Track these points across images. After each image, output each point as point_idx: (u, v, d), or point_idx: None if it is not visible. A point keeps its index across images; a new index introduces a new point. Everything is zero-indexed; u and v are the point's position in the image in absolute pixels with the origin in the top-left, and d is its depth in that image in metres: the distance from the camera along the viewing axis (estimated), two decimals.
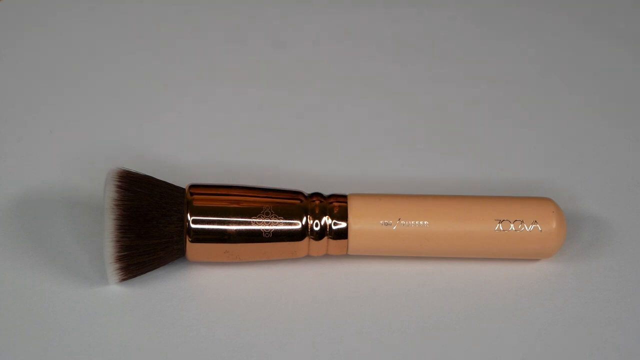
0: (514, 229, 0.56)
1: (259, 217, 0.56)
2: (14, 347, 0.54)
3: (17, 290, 0.56)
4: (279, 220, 0.56)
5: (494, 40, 0.70)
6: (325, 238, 0.56)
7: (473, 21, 0.71)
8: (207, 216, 0.56)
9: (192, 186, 0.57)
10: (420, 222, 0.56)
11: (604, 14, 0.72)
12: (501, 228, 0.56)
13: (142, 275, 0.56)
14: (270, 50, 0.69)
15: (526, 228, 0.57)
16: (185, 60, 0.68)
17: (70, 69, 0.66)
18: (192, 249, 0.56)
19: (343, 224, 0.56)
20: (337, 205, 0.57)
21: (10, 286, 0.56)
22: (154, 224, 0.55)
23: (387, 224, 0.56)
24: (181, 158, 0.62)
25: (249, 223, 0.56)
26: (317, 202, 0.57)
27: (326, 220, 0.56)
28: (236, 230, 0.56)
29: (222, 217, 0.56)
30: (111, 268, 0.55)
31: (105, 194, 0.55)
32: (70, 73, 0.66)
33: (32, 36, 0.68)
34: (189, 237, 0.55)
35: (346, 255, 0.58)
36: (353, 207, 0.57)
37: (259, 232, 0.56)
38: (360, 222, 0.56)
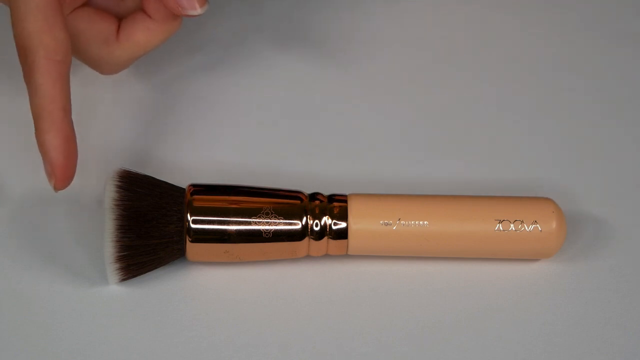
0: (514, 229, 0.56)
1: (259, 217, 0.56)
2: (14, 347, 0.54)
3: (17, 290, 0.56)
4: (279, 221, 0.56)
5: (494, 40, 0.70)
6: (325, 238, 0.56)
7: (473, 21, 0.71)
8: (207, 216, 0.56)
9: (192, 186, 0.57)
10: (420, 222, 0.56)
11: (604, 13, 0.72)
12: (501, 228, 0.56)
13: (142, 275, 0.56)
14: (271, 51, 0.69)
15: (526, 228, 0.57)
16: (185, 60, 0.68)
17: (70, 69, 0.66)
18: (192, 249, 0.56)
19: (343, 224, 0.56)
20: (337, 205, 0.57)
21: (11, 286, 0.56)
22: (154, 224, 0.55)
23: (387, 224, 0.56)
24: (181, 158, 0.62)
25: (249, 223, 0.56)
26: (317, 202, 0.57)
27: (326, 220, 0.56)
28: (236, 230, 0.56)
29: (222, 217, 0.56)
30: (111, 268, 0.55)
31: (105, 194, 0.55)
32: (71, 73, 0.66)
33: None
34: (189, 237, 0.55)
35: (346, 255, 0.58)
36: (353, 207, 0.57)
37: (259, 232, 0.56)
38: (360, 222, 0.56)
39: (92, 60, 0.60)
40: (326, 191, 0.58)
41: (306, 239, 0.56)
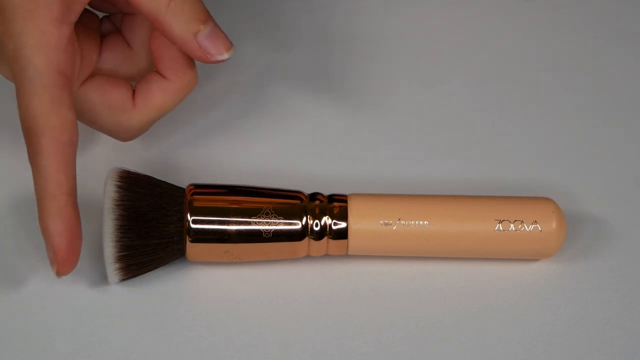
0: (514, 229, 0.56)
1: (259, 217, 0.56)
2: (14, 346, 0.54)
3: (17, 290, 0.56)
4: (279, 221, 0.56)
5: (494, 40, 0.70)
6: (325, 238, 0.56)
7: (473, 21, 0.71)
8: (207, 216, 0.56)
9: (192, 186, 0.57)
10: (420, 222, 0.56)
11: (604, 13, 0.72)
12: (501, 228, 0.56)
13: (142, 275, 0.56)
14: (273, 50, 0.69)
15: (526, 228, 0.57)
16: None
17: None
18: (192, 249, 0.56)
19: (343, 224, 0.56)
20: (337, 205, 0.57)
21: (11, 286, 0.56)
22: (154, 224, 0.55)
23: (387, 224, 0.56)
24: (181, 158, 0.62)
25: (249, 223, 0.56)
26: (317, 202, 0.57)
27: (326, 220, 0.56)
28: (236, 230, 0.56)
29: (222, 217, 0.56)
30: (111, 268, 0.55)
31: (105, 194, 0.55)
32: None
33: None
34: (189, 237, 0.55)
35: (346, 255, 0.58)
36: (353, 207, 0.57)
37: (259, 232, 0.56)
38: (360, 222, 0.56)
39: (110, 129, 0.58)
40: (326, 191, 0.58)
41: (306, 239, 0.56)
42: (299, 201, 0.56)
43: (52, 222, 0.52)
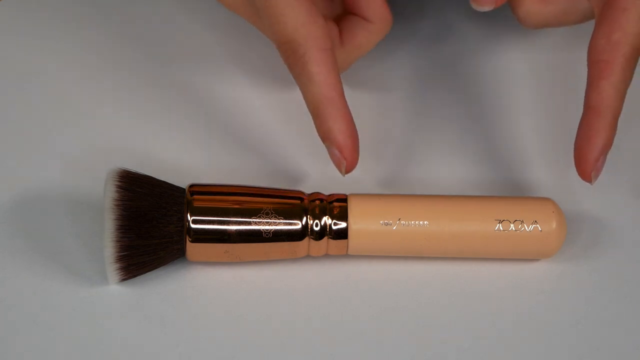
0: (513, 229, 0.57)
1: (259, 217, 0.56)
2: (14, 347, 0.54)
3: (17, 290, 0.56)
4: (279, 220, 0.56)
5: (494, 39, 0.70)
6: (325, 238, 0.56)
7: (473, 20, 0.71)
8: (207, 216, 0.56)
9: (192, 186, 0.57)
10: (420, 222, 0.56)
11: None
12: (501, 228, 0.57)
13: (142, 275, 0.56)
14: (271, 51, 0.69)
15: (526, 228, 0.57)
16: (184, 60, 0.68)
17: (69, 68, 0.66)
18: (192, 249, 0.56)
19: (343, 224, 0.56)
20: (337, 205, 0.57)
21: (11, 286, 0.56)
22: (154, 224, 0.55)
23: (387, 224, 0.56)
24: (181, 158, 0.62)
25: (249, 223, 0.56)
26: (317, 202, 0.57)
27: (326, 220, 0.56)
28: (236, 230, 0.56)
29: (222, 217, 0.56)
30: (111, 268, 0.55)
31: (105, 194, 0.55)
32: (69, 73, 0.66)
33: (31, 35, 0.68)
34: (189, 237, 0.55)
35: (346, 255, 0.58)
36: (353, 207, 0.57)
37: (259, 232, 0.56)
38: (360, 222, 0.56)
39: None
40: (326, 191, 0.58)
41: (306, 239, 0.56)
42: (299, 201, 0.56)
43: (334, 123, 0.56)
